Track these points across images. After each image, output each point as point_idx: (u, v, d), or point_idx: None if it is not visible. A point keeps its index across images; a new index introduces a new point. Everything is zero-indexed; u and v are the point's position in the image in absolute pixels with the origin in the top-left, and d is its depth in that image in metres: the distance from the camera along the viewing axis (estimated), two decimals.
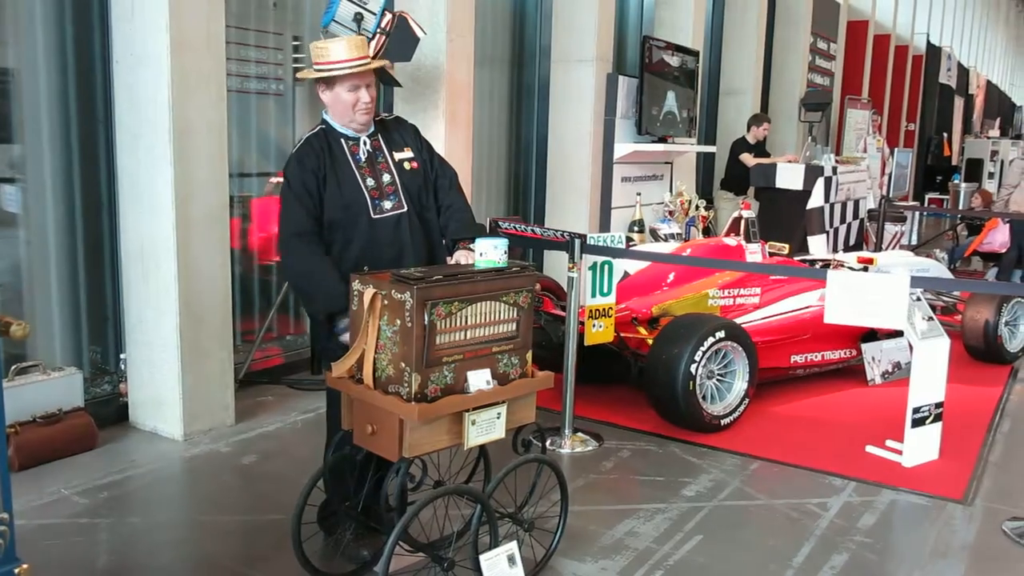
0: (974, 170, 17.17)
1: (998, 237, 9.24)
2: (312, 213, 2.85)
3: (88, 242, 4.34)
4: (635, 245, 6.42)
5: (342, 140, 2.94)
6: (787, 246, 6.12)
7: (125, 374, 4.31)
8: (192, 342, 4.07)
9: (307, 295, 2.92)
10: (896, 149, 14.26)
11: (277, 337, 5.47)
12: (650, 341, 4.51)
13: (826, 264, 5.94)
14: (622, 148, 7.03)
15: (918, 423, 4.01)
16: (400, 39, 4.58)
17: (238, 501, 3.53)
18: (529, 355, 2.69)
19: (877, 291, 3.71)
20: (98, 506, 3.39)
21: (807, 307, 5.11)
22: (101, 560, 2.99)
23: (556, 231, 4.35)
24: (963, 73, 22.42)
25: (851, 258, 6.06)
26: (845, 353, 5.29)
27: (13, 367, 3.84)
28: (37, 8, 4.08)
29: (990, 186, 15.78)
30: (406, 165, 3.00)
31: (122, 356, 4.37)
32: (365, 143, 2.96)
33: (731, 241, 5.48)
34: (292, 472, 3.69)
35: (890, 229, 9.60)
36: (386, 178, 2.95)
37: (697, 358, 4.21)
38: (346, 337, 2.72)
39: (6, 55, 4.04)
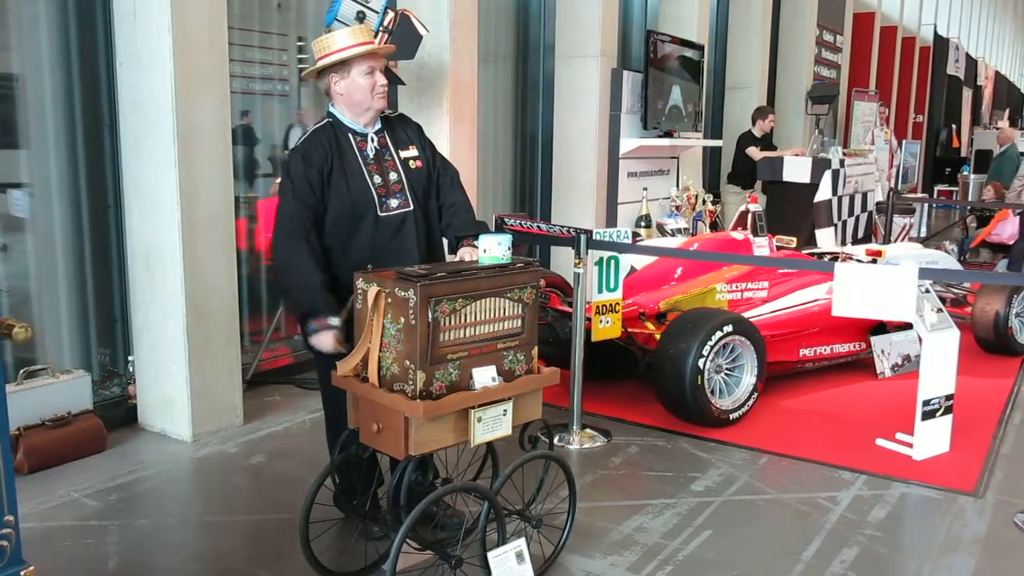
0: (983, 161, 17.05)
1: (1007, 228, 9.17)
2: (312, 210, 2.82)
3: (95, 245, 4.35)
4: (642, 240, 6.40)
5: (350, 135, 2.91)
6: (795, 239, 6.10)
7: (133, 376, 4.33)
8: (199, 343, 4.08)
9: (285, 290, 3.01)
10: (904, 141, 14.19)
11: (285, 337, 5.47)
12: (657, 336, 4.50)
13: (834, 257, 5.91)
14: (628, 143, 7.00)
15: (928, 416, 3.99)
16: (403, 37, 4.58)
17: (247, 501, 3.54)
18: (535, 351, 2.68)
19: (886, 284, 3.69)
20: (108, 508, 3.40)
21: (815, 300, 5.08)
22: (111, 562, 3.00)
23: (562, 227, 4.34)
24: (971, 64, 22.28)
25: (859, 251, 6.02)
26: (854, 346, 5.26)
27: (22, 370, 3.86)
28: (41, 13, 4.09)
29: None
30: (411, 164, 2.98)
31: (130, 358, 4.38)
32: (373, 140, 2.93)
33: (738, 235, 5.46)
34: (301, 472, 3.70)
35: (899, 221, 9.55)
36: (393, 176, 2.93)
37: (705, 353, 4.20)
38: (315, 340, 2.72)
39: (10, 60, 4.05)
